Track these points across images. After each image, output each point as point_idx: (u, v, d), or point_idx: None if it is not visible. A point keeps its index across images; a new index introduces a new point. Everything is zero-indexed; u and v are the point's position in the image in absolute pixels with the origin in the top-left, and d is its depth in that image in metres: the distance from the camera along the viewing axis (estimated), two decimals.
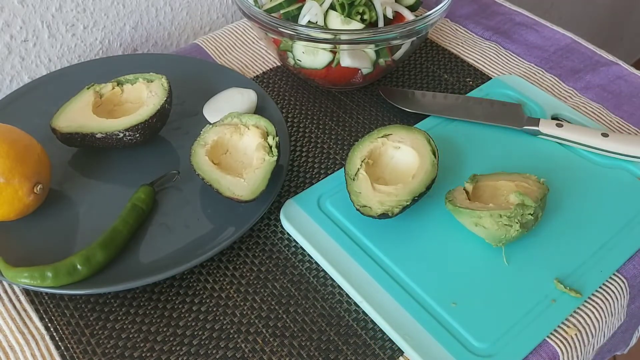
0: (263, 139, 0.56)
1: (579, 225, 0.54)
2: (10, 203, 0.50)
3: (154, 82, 0.61)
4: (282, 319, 0.49)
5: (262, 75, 0.73)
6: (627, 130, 0.66)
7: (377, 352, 0.47)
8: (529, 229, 0.51)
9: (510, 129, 0.63)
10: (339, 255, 0.52)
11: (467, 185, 0.54)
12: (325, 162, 0.62)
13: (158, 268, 0.50)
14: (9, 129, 0.52)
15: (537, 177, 0.54)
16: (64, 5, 0.72)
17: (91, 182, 0.58)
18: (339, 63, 0.64)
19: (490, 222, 0.50)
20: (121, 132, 0.56)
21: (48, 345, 0.48)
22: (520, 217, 0.50)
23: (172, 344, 0.48)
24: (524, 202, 0.50)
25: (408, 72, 0.73)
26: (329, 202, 0.56)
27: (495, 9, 0.84)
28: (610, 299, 0.51)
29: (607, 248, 0.53)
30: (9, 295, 0.51)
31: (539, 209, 0.51)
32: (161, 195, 0.57)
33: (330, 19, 0.63)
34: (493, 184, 0.54)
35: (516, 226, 0.50)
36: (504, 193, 0.53)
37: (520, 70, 0.73)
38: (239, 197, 0.52)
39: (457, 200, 0.53)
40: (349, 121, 0.67)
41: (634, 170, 0.59)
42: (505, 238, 0.50)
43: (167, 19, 0.82)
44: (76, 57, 0.76)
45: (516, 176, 0.54)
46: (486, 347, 0.46)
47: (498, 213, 0.50)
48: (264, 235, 0.55)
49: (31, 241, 0.53)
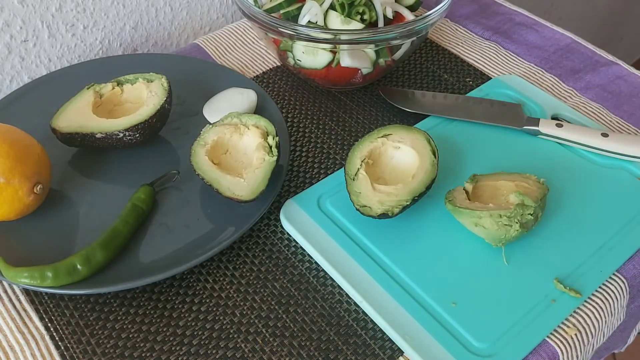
0: (263, 139, 0.56)
1: (579, 225, 0.54)
2: (10, 203, 0.50)
3: (154, 82, 0.61)
4: (282, 319, 0.49)
5: (262, 75, 0.73)
6: (627, 130, 0.66)
7: (377, 352, 0.47)
8: (529, 229, 0.51)
9: (510, 129, 0.63)
10: (339, 255, 0.52)
11: (467, 185, 0.54)
12: (325, 162, 0.62)
13: (158, 268, 0.50)
14: (9, 129, 0.52)
15: (537, 177, 0.54)
16: (64, 5, 0.72)
17: (91, 182, 0.58)
18: (339, 63, 0.64)
19: (490, 222, 0.50)
20: (121, 132, 0.56)
21: (48, 345, 0.48)
22: (520, 217, 0.50)
23: (172, 344, 0.48)
24: (524, 202, 0.50)
25: (408, 72, 0.73)
26: (329, 202, 0.56)
27: (495, 9, 0.84)
28: (610, 299, 0.51)
29: (607, 248, 0.53)
30: (9, 295, 0.51)
31: (539, 209, 0.51)
32: (161, 195, 0.57)
33: (330, 19, 0.63)
34: (493, 184, 0.54)
35: (516, 226, 0.50)
36: (504, 193, 0.53)
37: (520, 70, 0.73)
38: (239, 197, 0.52)
39: (457, 201, 0.53)
40: (349, 121, 0.67)
41: (634, 170, 0.59)
42: (505, 238, 0.50)
43: (167, 19, 0.82)
44: (76, 57, 0.76)
45: (516, 176, 0.54)
46: (486, 347, 0.46)
47: (498, 213, 0.50)
48: (264, 235, 0.55)
49: (31, 241, 0.53)
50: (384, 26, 0.64)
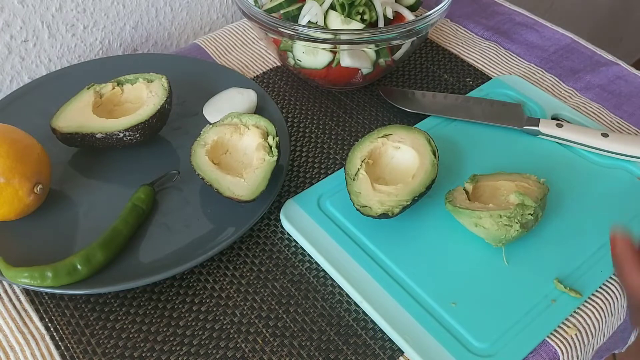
0: (263, 139, 0.56)
1: (579, 225, 0.54)
2: (10, 203, 0.50)
3: (154, 82, 0.61)
4: (282, 319, 0.49)
5: (262, 75, 0.73)
6: (627, 130, 0.66)
7: (377, 352, 0.47)
8: (529, 229, 0.51)
9: (510, 129, 0.63)
10: (339, 255, 0.52)
11: (467, 185, 0.54)
12: (325, 162, 0.62)
13: (158, 268, 0.50)
14: (9, 129, 0.52)
15: (537, 177, 0.54)
16: (64, 6, 0.72)
17: (91, 182, 0.58)
18: (339, 63, 0.64)
19: (490, 223, 0.50)
20: (121, 132, 0.56)
21: (48, 345, 0.48)
22: (520, 217, 0.50)
23: (172, 344, 0.48)
24: (524, 202, 0.50)
25: (408, 72, 0.73)
26: (329, 202, 0.56)
27: (495, 9, 0.84)
28: (610, 299, 0.51)
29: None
30: (9, 295, 0.51)
31: (539, 209, 0.51)
32: (161, 195, 0.57)
33: (330, 19, 0.63)
34: (493, 184, 0.54)
35: (516, 226, 0.50)
36: (504, 193, 0.53)
37: (520, 70, 0.73)
38: (239, 197, 0.52)
39: (457, 201, 0.53)
40: (349, 121, 0.67)
41: (634, 170, 0.59)
42: (505, 238, 0.50)
43: (167, 19, 0.82)
44: (76, 57, 0.76)
45: (516, 176, 0.54)
46: (486, 347, 0.46)
47: (498, 213, 0.49)
48: (264, 235, 0.55)
49: (31, 241, 0.53)
50: (384, 26, 0.64)
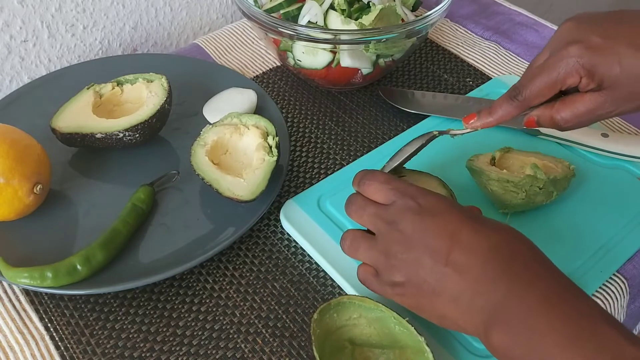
0: (263, 139, 0.56)
1: (578, 225, 0.54)
2: (10, 203, 0.50)
3: (154, 82, 0.61)
4: (282, 319, 0.49)
5: (262, 75, 0.73)
6: (627, 130, 0.66)
7: None
8: (537, 203, 0.52)
9: (510, 129, 0.63)
10: (339, 256, 0.52)
11: (496, 152, 0.56)
12: (325, 162, 0.62)
13: (158, 268, 0.50)
14: (9, 129, 0.52)
15: (569, 163, 0.55)
16: (64, 6, 0.72)
17: (91, 182, 0.58)
18: (339, 63, 0.64)
19: (497, 185, 0.52)
20: (121, 132, 0.56)
21: (48, 345, 0.48)
22: (529, 187, 0.51)
23: (172, 344, 0.48)
24: (536, 175, 0.51)
25: (408, 72, 0.73)
26: (329, 202, 0.56)
27: (495, 9, 0.84)
28: (610, 299, 0.51)
29: (607, 248, 0.53)
30: (9, 295, 0.51)
31: (551, 185, 0.52)
32: (161, 195, 0.57)
33: (330, 19, 0.63)
34: (524, 158, 0.56)
35: (522, 194, 0.51)
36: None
37: (520, 70, 0.73)
38: (239, 197, 0.52)
39: (478, 162, 0.55)
40: (349, 121, 0.67)
41: (634, 170, 0.59)
42: (511, 205, 0.52)
43: (166, 19, 0.82)
44: (76, 57, 0.76)
45: (550, 158, 0.56)
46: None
47: (506, 178, 0.51)
48: (263, 235, 0.55)
49: (31, 241, 0.53)
50: (384, 26, 0.64)
